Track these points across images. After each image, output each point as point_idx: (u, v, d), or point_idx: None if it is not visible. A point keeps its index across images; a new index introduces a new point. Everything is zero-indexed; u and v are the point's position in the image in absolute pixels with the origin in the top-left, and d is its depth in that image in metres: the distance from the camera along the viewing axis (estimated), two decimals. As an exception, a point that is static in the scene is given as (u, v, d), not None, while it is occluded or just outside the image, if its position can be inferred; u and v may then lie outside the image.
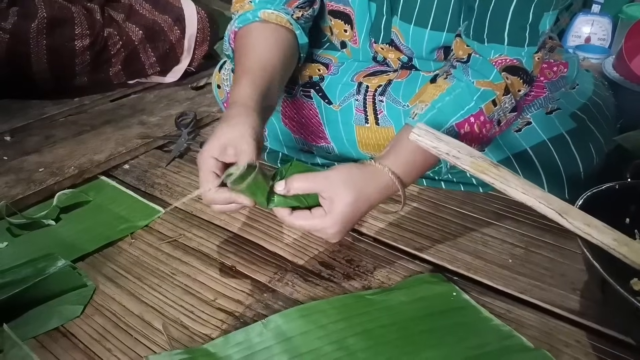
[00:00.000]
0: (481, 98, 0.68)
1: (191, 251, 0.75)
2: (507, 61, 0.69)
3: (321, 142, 0.92)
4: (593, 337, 0.59)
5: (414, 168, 0.67)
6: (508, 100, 0.70)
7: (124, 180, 0.95)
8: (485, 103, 0.68)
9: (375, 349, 0.57)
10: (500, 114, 0.71)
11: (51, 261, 0.69)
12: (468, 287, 0.67)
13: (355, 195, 0.62)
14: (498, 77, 0.69)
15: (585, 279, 0.67)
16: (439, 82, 0.72)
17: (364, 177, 0.63)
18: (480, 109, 0.68)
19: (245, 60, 0.75)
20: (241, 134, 0.63)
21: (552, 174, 0.80)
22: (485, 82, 0.68)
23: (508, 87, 0.69)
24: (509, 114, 0.73)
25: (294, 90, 0.91)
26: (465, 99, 0.68)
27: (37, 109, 1.24)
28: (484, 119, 0.68)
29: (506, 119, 0.73)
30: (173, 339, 0.60)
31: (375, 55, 0.89)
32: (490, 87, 0.68)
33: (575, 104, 0.83)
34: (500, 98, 0.69)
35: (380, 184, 0.64)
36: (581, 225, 0.55)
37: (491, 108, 0.68)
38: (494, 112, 0.69)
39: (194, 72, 1.45)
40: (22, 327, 0.61)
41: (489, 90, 0.68)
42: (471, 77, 0.69)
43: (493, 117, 0.69)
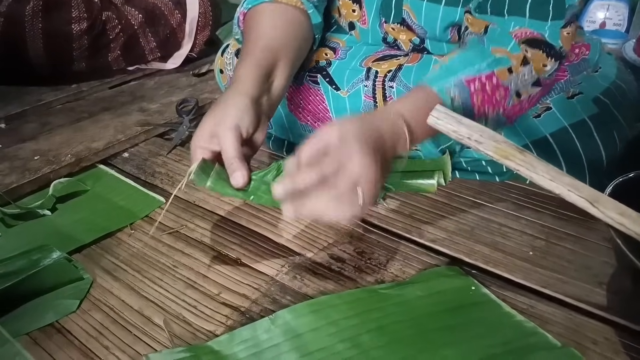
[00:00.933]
0: (495, 62, 0.64)
1: (194, 243, 0.71)
2: (528, 34, 0.64)
3: (328, 129, 0.88)
4: (623, 334, 0.55)
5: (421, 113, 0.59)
6: (527, 71, 0.65)
7: (123, 169, 0.91)
8: (499, 68, 0.64)
9: (390, 346, 0.54)
10: (519, 84, 0.66)
11: (46, 253, 0.65)
12: (487, 280, 0.63)
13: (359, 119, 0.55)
14: (516, 48, 0.64)
15: (611, 272, 0.64)
16: (452, 51, 0.69)
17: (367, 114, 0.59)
18: (493, 72, 0.63)
19: (251, 42, 0.72)
20: (225, 124, 0.61)
21: (572, 161, 0.76)
22: (501, 50, 0.64)
23: (527, 58, 0.64)
24: (530, 88, 0.68)
25: (300, 76, 0.87)
26: (477, 59, 0.64)
27: (33, 95, 1.20)
28: (497, 82, 0.64)
29: (528, 94, 0.68)
30: (175, 336, 0.56)
31: (385, 36, 0.85)
32: (507, 55, 0.64)
33: (598, 88, 0.79)
34: (518, 68, 0.64)
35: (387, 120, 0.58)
36: (614, 215, 0.51)
37: (506, 74, 0.64)
38: (510, 79, 0.65)
39: (195, 58, 1.41)
40: (14, 322, 0.57)
41: (504, 57, 0.64)
42: (486, 45, 0.65)
43: (509, 85, 0.65)
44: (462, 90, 0.63)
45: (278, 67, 0.71)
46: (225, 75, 0.96)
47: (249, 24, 0.76)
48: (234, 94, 0.65)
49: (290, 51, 0.73)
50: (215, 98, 1.17)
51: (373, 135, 0.54)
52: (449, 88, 0.62)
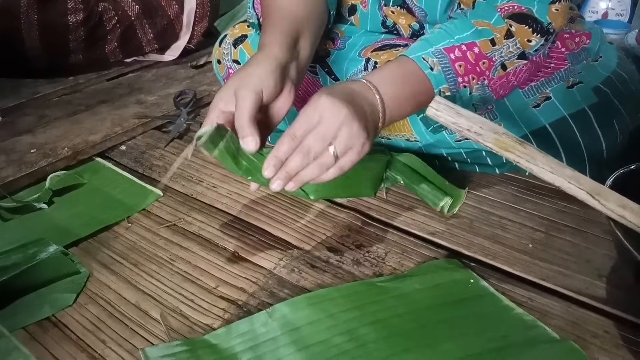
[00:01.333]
0: (476, 34, 0.64)
1: (191, 236, 0.71)
2: (515, 8, 0.64)
3: (327, 120, 0.87)
4: (623, 328, 0.55)
5: (398, 88, 0.62)
6: (512, 44, 0.65)
7: (120, 162, 0.91)
8: (481, 39, 0.64)
9: (388, 340, 0.53)
10: (504, 56, 0.65)
11: (42, 246, 0.65)
12: (486, 273, 0.63)
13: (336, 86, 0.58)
14: (500, 22, 0.64)
15: (611, 265, 0.63)
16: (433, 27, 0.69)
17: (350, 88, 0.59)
18: (474, 42, 0.64)
19: (273, 14, 0.70)
20: (246, 87, 0.58)
21: (572, 152, 0.75)
22: (484, 23, 0.64)
23: (511, 32, 0.64)
24: (516, 60, 0.67)
25: None
26: (457, 30, 0.65)
27: (30, 87, 1.20)
28: (479, 52, 0.64)
29: (514, 66, 0.67)
30: (172, 330, 0.56)
31: (384, 19, 0.84)
32: (489, 27, 0.64)
33: (599, 77, 0.78)
34: (501, 40, 0.64)
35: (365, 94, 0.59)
36: (615, 207, 0.50)
37: (488, 46, 0.64)
38: (493, 51, 0.64)
39: (193, 50, 1.40)
40: (10, 316, 0.57)
41: (486, 30, 0.64)
42: (469, 18, 0.65)
43: (493, 56, 0.65)
44: (441, 58, 0.63)
45: (303, 36, 0.69)
46: (223, 66, 0.94)
47: (266, 2, 0.74)
48: (260, 56, 0.62)
49: (312, 24, 0.72)
50: (214, 90, 1.16)
51: (345, 92, 0.56)
52: (427, 57, 0.63)
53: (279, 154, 0.55)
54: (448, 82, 0.65)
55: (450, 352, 0.52)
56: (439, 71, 0.63)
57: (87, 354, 0.53)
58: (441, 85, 0.64)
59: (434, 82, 0.64)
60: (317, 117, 0.55)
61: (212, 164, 0.88)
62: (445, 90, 0.65)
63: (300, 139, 0.55)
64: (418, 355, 0.51)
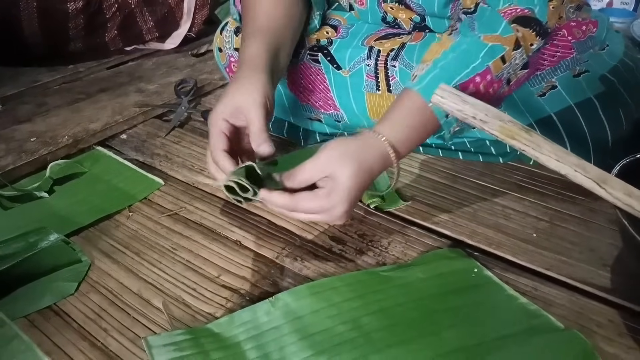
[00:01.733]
0: (489, 55, 0.62)
1: (193, 225, 0.70)
2: (518, 11, 0.62)
3: (330, 109, 0.87)
4: (627, 317, 0.55)
5: (410, 134, 0.61)
6: (519, 56, 0.63)
7: (121, 151, 0.90)
8: (493, 60, 0.62)
9: (391, 329, 0.53)
10: (510, 72, 0.64)
11: (43, 235, 0.64)
12: (490, 263, 0.62)
13: (357, 166, 0.57)
14: (508, 30, 0.62)
15: (616, 254, 0.63)
16: (442, 39, 0.66)
17: (361, 147, 0.59)
18: (487, 67, 0.61)
19: (252, 21, 0.72)
20: (252, 98, 0.63)
21: (577, 141, 0.75)
22: (493, 37, 0.62)
23: (519, 40, 0.62)
24: (519, 72, 0.66)
25: (301, 54, 0.85)
26: (470, 56, 0.62)
27: (29, 76, 1.19)
28: (491, 78, 0.62)
29: (516, 78, 0.66)
30: (174, 318, 0.56)
31: (384, 15, 0.83)
32: (499, 41, 0.62)
33: (605, 66, 0.77)
34: (510, 54, 0.62)
35: (378, 153, 0.59)
36: (621, 196, 0.50)
37: (500, 66, 0.62)
38: (503, 70, 0.63)
39: (194, 38, 1.38)
40: (11, 305, 0.57)
41: (497, 46, 0.62)
42: (478, 32, 0.63)
43: (502, 76, 0.63)
44: None
45: (282, 46, 0.72)
46: (224, 54, 0.94)
47: (248, 3, 0.75)
48: (253, 71, 0.66)
49: (290, 30, 0.74)
50: (215, 78, 1.15)
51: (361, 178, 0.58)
52: None
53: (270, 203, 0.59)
54: (457, 122, 0.63)
55: (453, 341, 0.51)
56: (452, 116, 0.61)
57: (89, 343, 0.53)
58: (451, 126, 0.63)
59: (446, 127, 0.63)
60: (322, 213, 0.58)
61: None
62: (454, 129, 0.64)
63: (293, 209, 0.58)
64: (421, 344, 0.51)
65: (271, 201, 0.59)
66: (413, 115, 0.61)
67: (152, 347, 0.50)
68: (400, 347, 0.51)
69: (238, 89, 0.64)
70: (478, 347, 0.51)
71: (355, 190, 0.58)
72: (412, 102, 0.62)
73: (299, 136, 0.91)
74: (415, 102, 0.62)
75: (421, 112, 0.61)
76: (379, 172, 0.61)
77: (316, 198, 0.58)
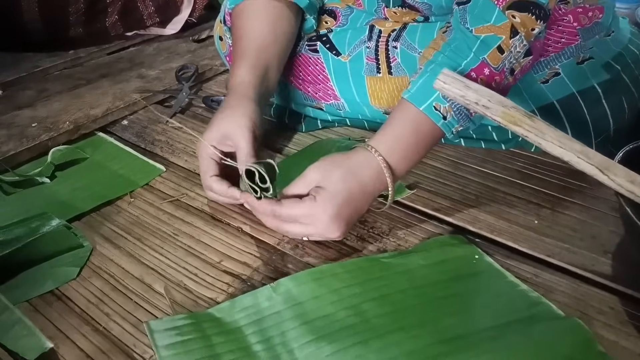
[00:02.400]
0: (481, 48, 0.60)
1: (194, 211, 0.70)
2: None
3: (330, 99, 0.86)
4: (628, 304, 0.55)
5: (407, 146, 0.61)
6: (518, 43, 0.60)
7: (122, 137, 0.90)
8: (488, 53, 0.59)
9: (392, 315, 0.53)
10: (512, 61, 0.62)
11: (45, 220, 0.64)
12: (491, 249, 0.62)
13: (344, 173, 0.57)
14: (501, 17, 0.59)
15: (617, 242, 0.63)
16: (436, 39, 0.65)
17: (353, 160, 0.60)
18: (483, 61, 0.59)
19: (239, 40, 0.75)
20: (239, 125, 0.66)
21: (579, 129, 0.74)
22: (485, 28, 0.60)
23: (515, 27, 0.59)
24: (522, 60, 0.63)
25: (298, 46, 0.85)
26: (461, 53, 0.60)
27: (30, 61, 1.18)
28: (490, 71, 0.60)
29: (520, 66, 0.64)
30: (176, 303, 0.56)
31: (386, 19, 0.82)
32: (493, 31, 0.59)
33: (610, 52, 0.76)
34: (508, 42, 0.60)
35: (372, 169, 0.59)
36: (624, 182, 0.50)
37: (498, 57, 0.60)
38: (503, 60, 0.60)
39: (195, 24, 1.37)
40: (14, 290, 0.57)
41: (490, 37, 0.59)
42: (469, 25, 0.61)
43: (503, 67, 0.61)
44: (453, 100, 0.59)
45: (271, 66, 0.75)
46: (225, 43, 0.93)
47: (236, 24, 0.78)
48: (240, 98, 0.69)
49: (280, 47, 0.77)
50: (216, 64, 1.14)
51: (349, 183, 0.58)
52: (438, 104, 0.59)
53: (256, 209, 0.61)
54: (460, 122, 0.61)
55: (454, 327, 0.51)
56: (451, 117, 0.60)
57: (91, 327, 0.53)
58: (453, 127, 0.61)
59: (447, 129, 0.61)
60: (309, 220, 0.58)
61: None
62: (457, 129, 0.62)
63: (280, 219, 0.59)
64: (422, 330, 0.51)
65: (254, 207, 0.60)
66: (407, 124, 0.61)
67: (154, 332, 0.51)
68: (401, 333, 0.51)
69: (226, 117, 0.67)
70: (478, 334, 0.51)
71: (343, 196, 0.57)
72: (405, 111, 0.61)
73: (300, 122, 0.91)
74: (407, 111, 0.61)
75: (415, 120, 0.60)
76: (374, 191, 0.60)
77: (300, 202, 0.57)
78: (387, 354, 0.48)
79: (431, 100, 0.59)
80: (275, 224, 0.60)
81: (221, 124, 0.67)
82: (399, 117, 0.62)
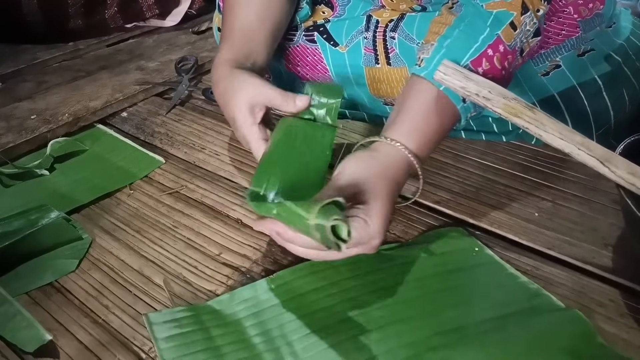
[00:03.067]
0: (495, 23, 0.58)
1: (194, 203, 0.70)
2: None
3: (329, 90, 0.85)
4: (628, 297, 0.55)
5: (429, 130, 0.57)
6: (529, 20, 0.59)
7: (121, 129, 0.90)
8: (502, 28, 0.57)
9: (392, 307, 0.53)
10: (523, 39, 0.60)
11: (44, 212, 0.64)
12: (491, 242, 0.62)
13: (390, 187, 0.53)
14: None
15: (618, 234, 0.62)
16: (443, 15, 0.62)
17: (384, 164, 0.55)
18: (498, 37, 0.57)
19: (227, 24, 0.74)
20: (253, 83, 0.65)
21: (579, 122, 0.74)
22: (496, 4, 0.58)
23: (525, 3, 0.58)
24: (532, 40, 0.62)
25: (295, 37, 0.84)
26: (477, 27, 0.58)
27: (29, 53, 1.18)
28: (504, 48, 0.58)
29: (529, 47, 0.62)
30: (175, 295, 0.56)
31: (383, 6, 0.81)
32: (504, 7, 0.58)
33: (611, 44, 0.76)
34: (519, 19, 0.58)
35: (401, 165, 0.56)
36: (625, 175, 0.49)
37: (511, 33, 0.58)
38: (515, 37, 0.59)
39: (195, 16, 1.36)
40: (13, 282, 0.57)
41: (503, 12, 0.58)
42: (479, 0, 0.59)
43: (515, 45, 0.59)
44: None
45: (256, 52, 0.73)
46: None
47: (227, 3, 0.76)
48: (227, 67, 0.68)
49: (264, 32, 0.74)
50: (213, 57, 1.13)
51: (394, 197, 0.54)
52: None
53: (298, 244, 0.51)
54: (474, 107, 0.59)
55: (454, 320, 0.51)
56: (469, 100, 0.57)
57: (91, 319, 0.53)
58: (469, 112, 0.59)
59: (464, 113, 0.59)
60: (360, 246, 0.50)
61: (214, 132, 0.87)
62: (471, 114, 0.60)
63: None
64: (421, 322, 0.51)
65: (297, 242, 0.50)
66: (427, 107, 0.57)
67: (153, 324, 0.51)
68: (400, 325, 0.51)
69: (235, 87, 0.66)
70: (478, 326, 0.51)
71: (390, 210, 0.52)
72: (424, 92, 0.58)
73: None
74: (427, 91, 0.58)
75: (436, 102, 0.57)
76: (405, 182, 0.57)
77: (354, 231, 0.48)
78: (386, 346, 0.48)
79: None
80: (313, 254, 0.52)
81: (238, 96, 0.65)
82: (419, 98, 0.58)
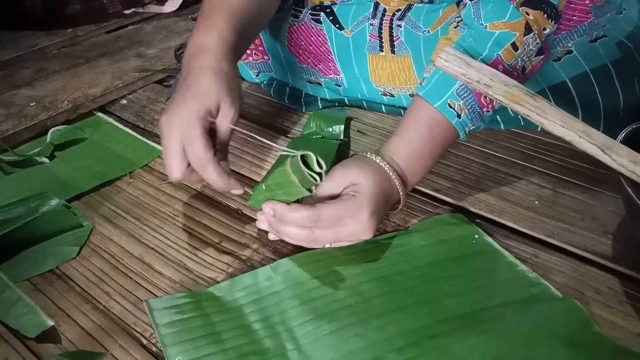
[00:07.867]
0: (496, 44, 0.59)
1: (194, 193, 0.70)
2: None
3: (330, 73, 0.85)
4: (626, 284, 0.55)
5: (419, 150, 0.59)
6: (532, 40, 0.60)
7: (121, 117, 0.89)
8: (503, 49, 0.59)
9: (392, 296, 0.53)
10: (525, 59, 0.62)
11: (44, 200, 0.64)
12: (491, 229, 0.62)
13: (376, 175, 0.55)
14: (516, 14, 0.59)
15: (618, 222, 0.62)
16: (450, 34, 0.64)
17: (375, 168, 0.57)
18: (497, 57, 0.59)
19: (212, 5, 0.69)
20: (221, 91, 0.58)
21: (589, 108, 0.73)
22: (500, 24, 0.59)
23: (529, 24, 0.59)
24: (534, 58, 0.64)
25: (302, 14, 0.83)
26: (477, 48, 0.59)
27: (27, 40, 1.17)
28: (504, 68, 0.59)
29: (532, 65, 0.64)
30: (175, 282, 0.56)
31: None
32: (508, 28, 0.59)
33: (623, 31, 0.75)
34: (522, 39, 0.60)
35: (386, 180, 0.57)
36: (626, 163, 0.49)
37: (512, 54, 0.60)
38: (516, 57, 0.60)
39: (194, 2, 1.35)
40: (14, 268, 0.57)
41: (505, 33, 0.59)
42: (483, 20, 0.60)
43: (516, 64, 0.61)
44: (467, 96, 0.58)
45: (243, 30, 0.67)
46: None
47: None
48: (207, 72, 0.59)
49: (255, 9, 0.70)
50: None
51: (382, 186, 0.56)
52: (453, 102, 0.58)
53: (289, 218, 0.53)
54: (473, 121, 0.60)
55: (453, 308, 0.52)
56: (465, 115, 0.59)
57: (92, 305, 0.54)
58: (466, 127, 0.60)
59: (461, 128, 0.60)
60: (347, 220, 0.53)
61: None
62: (470, 128, 0.61)
63: (317, 223, 0.53)
64: (421, 310, 0.51)
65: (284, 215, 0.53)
66: (421, 125, 0.59)
67: (154, 310, 0.51)
68: (400, 313, 0.51)
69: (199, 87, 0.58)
70: (477, 314, 0.51)
71: (379, 195, 0.55)
72: (419, 110, 0.60)
73: (300, 102, 0.90)
74: (422, 110, 0.60)
75: (430, 120, 0.59)
76: (388, 201, 0.58)
77: (341, 201, 0.53)
78: (385, 333, 0.49)
79: (445, 98, 0.58)
80: (305, 233, 0.53)
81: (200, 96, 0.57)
82: (413, 118, 0.61)
